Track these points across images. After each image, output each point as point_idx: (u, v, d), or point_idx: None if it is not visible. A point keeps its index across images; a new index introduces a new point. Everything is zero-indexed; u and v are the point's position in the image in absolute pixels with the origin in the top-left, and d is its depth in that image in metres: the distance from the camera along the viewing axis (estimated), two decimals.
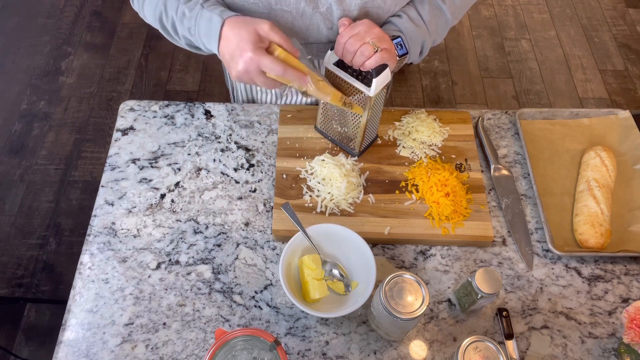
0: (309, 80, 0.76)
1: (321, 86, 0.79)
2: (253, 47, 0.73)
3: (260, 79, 0.76)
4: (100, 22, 2.53)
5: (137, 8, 0.93)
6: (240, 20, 0.76)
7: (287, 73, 0.74)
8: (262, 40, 0.74)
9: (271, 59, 0.73)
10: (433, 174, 0.96)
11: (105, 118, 2.20)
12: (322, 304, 0.84)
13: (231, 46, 0.75)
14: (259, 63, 0.73)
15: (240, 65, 0.74)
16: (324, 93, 0.80)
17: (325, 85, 0.80)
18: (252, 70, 0.74)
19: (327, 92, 0.81)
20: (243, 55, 0.73)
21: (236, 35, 0.75)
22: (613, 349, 0.83)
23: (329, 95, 0.81)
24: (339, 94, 0.83)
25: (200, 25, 0.81)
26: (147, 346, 0.81)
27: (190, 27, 0.83)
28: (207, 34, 0.80)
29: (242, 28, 0.74)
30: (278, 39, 0.74)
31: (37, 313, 1.72)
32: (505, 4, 2.70)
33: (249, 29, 0.74)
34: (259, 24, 0.74)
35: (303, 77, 0.76)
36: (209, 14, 0.79)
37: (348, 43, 0.82)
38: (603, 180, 0.95)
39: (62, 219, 1.92)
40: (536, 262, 0.91)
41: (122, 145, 1.03)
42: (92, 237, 0.92)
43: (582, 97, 2.33)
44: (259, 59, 0.73)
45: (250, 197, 0.97)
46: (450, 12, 0.93)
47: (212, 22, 0.78)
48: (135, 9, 0.94)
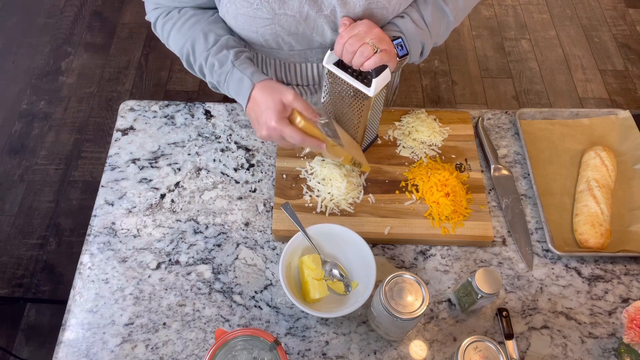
0: (324, 147, 0.83)
1: (335, 150, 0.86)
2: (277, 118, 0.79)
3: (281, 142, 0.84)
4: (100, 22, 2.53)
5: (159, 36, 0.97)
6: (268, 87, 0.82)
7: (305, 141, 0.81)
8: (285, 110, 0.81)
9: (292, 129, 0.80)
10: (433, 174, 0.96)
11: (105, 118, 2.20)
12: (322, 304, 0.84)
13: (257, 110, 0.83)
14: (281, 133, 0.80)
15: (264, 131, 0.82)
16: (337, 156, 0.88)
17: (339, 150, 0.86)
18: (274, 136, 0.82)
19: (340, 155, 0.88)
20: (268, 123, 0.80)
21: (264, 102, 0.81)
22: (613, 349, 0.83)
23: (341, 157, 0.89)
24: (349, 156, 0.89)
25: (230, 83, 0.87)
26: (147, 346, 0.81)
27: (220, 81, 0.88)
28: (237, 93, 0.86)
29: (269, 96, 0.81)
30: (300, 107, 0.81)
31: (37, 313, 1.72)
32: (505, 4, 2.70)
33: (275, 97, 0.80)
34: (285, 93, 0.80)
35: (320, 145, 0.83)
36: (240, 75, 0.85)
37: (348, 43, 0.82)
38: (603, 180, 0.95)
39: (62, 219, 1.92)
40: (536, 262, 0.91)
41: (122, 145, 1.03)
42: (92, 237, 0.92)
43: (582, 97, 2.33)
44: (281, 129, 0.80)
45: (250, 197, 0.97)
46: (452, 14, 0.93)
47: (243, 84, 0.84)
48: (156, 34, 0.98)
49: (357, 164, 0.93)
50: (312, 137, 0.82)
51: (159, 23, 0.94)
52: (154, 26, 0.96)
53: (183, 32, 0.90)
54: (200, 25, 0.89)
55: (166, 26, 0.92)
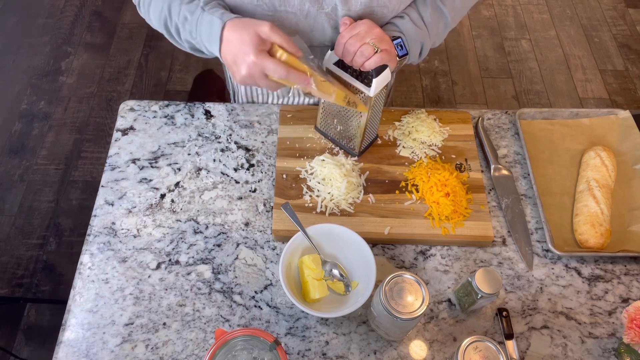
0: (312, 81, 0.76)
1: (324, 86, 0.79)
2: (255, 51, 0.72)
3: (264, 82, 0.76)
4: (100, 22, 2.53)
5: (144, 14, 0.93)
6: (240, 23, 0.76)
7: (290, 75, 0.74)
8: (263, 42, 0.74)
9: (274, 62, 0.73)
10: (433, 174, 0.96)
11: (105, 118, 2.20)
12: (322, 304, 0.84)
13: (233, 50, 0.76)
14: (262, 67, 0.73)
15: (244, 70, 0.74)
16: (327, 93, 0.80)
17: (329, 85, 0.79)
18: (256, 74, 0.74)
19: (330, 92, 0.80)
20: (246, 60, 0.73)
21: (237, 38, 0.74)
22: (613, 349, 0.83)
23: (332, 95, 0.81)
24: (342, 93, 0.82)
25: (202, 29, 0.80)
26: (147, 346, 0.81)
27: (192, 30, 0.83)
28: (209, 37, 0.80)
29: (243, 31, 0.74)
30: (279, 40, 0.74)
31: (37, 313, 1.72)
32: (505, 4, 2.70)
33: (249, 31, 0.73)
34: (260, 25, 0.73)
35: (306, 79, 0.75)
36: (210, 17, 0.79)
37: (348, 43, 0.82)
38: (603, 180, 0.95)
39: (62, 219, 1.92)
40: (536, 262, 0.91)
41: (122, 145, 1.03)
42: (92, 237, 0.92)
43: (582, 97, 2.33)
44: (262, 62, 0.73)
45: (250, 197, 0.97)
46: (450, 15, 0.93)
47: (213, 25, 0.78)
48: (142, 15, 0.94)
49: (351, 103, 0.84)
50: (297, 71, 0.74)
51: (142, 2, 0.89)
52: (138, 6, 0.92)
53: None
54: None
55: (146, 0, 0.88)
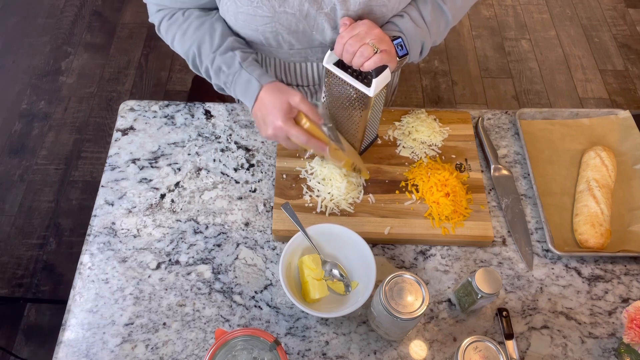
0: (327, 150, 0.84)
1: (336, 155, 0.87)
2: (284, 118, 0.81)
3: (285, 143, 0.85)
4: (100, 22, 2.53)
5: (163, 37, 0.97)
6: (275, 89, 0.84)
7: (309, 143, 0.82)
8: (291, 110, 0.82)
9: (297, 130, 0.82)
10: (433, 174, 0.96)
11: (105, 118, 2.20)
12: (322, 304, 0.84)
13: (264, 111, 0.84)
14: (287, 133, 0.82)
15: (270, 131, 0.83)
16: (338, 160, 0.89)
17: (341, 154, 0.88)
18: (280, 136, 0.83)
19: (342, 159, 0.89)
20: (275, 123, 0.82)
21: (270, 102, 0.83)
22: (613, 349, 0.83)
23: (342, 162, 0.89)
24: (350, 161, 0.90)
25: (237, 84, 0.88)
26: (147, 346, 0.81)
27: (227, 82, 0.90)
28: (244, 94, 0.88)
29: (276, 97, 0.83)
30: (306, 110, 0.82)
31: (37, 313, 1.72)
32: (505, 4, 2.70)
33: (282, 98, 0.82)
34: (291, 95, 0.82)
35: (323, 148, 0.84)
36: (248, 77, 0.87)
37: (348, 44, 0.82)
38: (603, 180, 0.95)
39: (62, 219, 1.92)
40: (536, 262, 0.91)
41: (122, 145, 1.03)
42: (92, 237, 0.92)
43: (582, 97, 2.33)
44: (287, 129, 0.81)
45: (250, 197, 0.97)
46: (451, 14, 0.93)
47: (251, 85, 0.86)
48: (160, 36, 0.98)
49: (357, 170, 0.94)
50: (316, 139, 0.83)
51: (164, 26, 0.94)
52: (158, 29, 0.97)
53: (189, 35, 0.91)
54: (205, 27, 0.90)
55: (171, 29, 0.93)
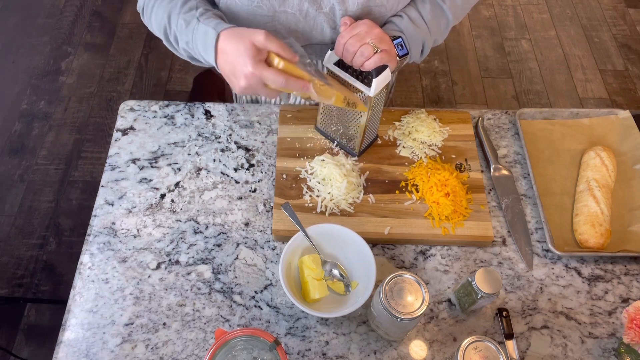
0: (311, 87, 0.76)
1: (323, 90, 0.78)
2: (253, 62, 0.72)
3: (263, 91, 0.76)
4: (100, 22, 2.53)
5: (146, 22, 0.93)
6: (235, 33, 0.75)
7: (289, 83, 0.73)
8: (260, 52, 0.73)
9: (272, 71, 0.72)
10: (433, 174, 0.96)
11: (105, 118, 2.20)
12: (322, 304, 0.84)
13: (230, 61, 0.75)
14: (261, 77, 0.73)
15: (243, 81, 0.74)
16: (327, 97, 0.80)
17: (328, 89, 0.79)
18: (255, 85, 0.74)
19: (330, 95, 0.80)
20: (244, 71, 0.72)
21: (233, 49, 0.74)
22: (613, 349, 0.83)
23: (332, 98, 0.81)
24: (341, 96, 0.82)
25: (197, 39, 0.80)
26: (147, 346, 0.81)
27: (188, 41, 0.83)
28: (204, 48, 0.79)
29: (239, 41, 0.73)
30: (276, 48, 0.73)
31: (37, 313, 1.72)
32: (505, 4, 2.70)
33: (245, 42, 0.72)
34: (255, 35, 0.72)
35: (306, 85, 0.75)
36: (205, 28, 0.79)
37: (348, 43, 0.82)
38: (603, 180, 0.95)
39: (62, 219, 1.92)
40: (536, 262, 0.91)
41: (122, 145, 1.03)
42: (92, 237, 0.92)
43: (582, 97, 2.33)
44: (260, 73, 0.72)
45: (250, 197, 0.97)
46: (451, 13, 0.93)
47: (208, 36, 0.78)
48: (145, 24, 0.94)
49: (351, 104, 0.84)
50: (296, 78, 0.74)
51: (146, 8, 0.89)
52: (142, 14, 0.92)
53: (163, 6, 0.85)
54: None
55: (148, 5, 0.88)
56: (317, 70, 0.80)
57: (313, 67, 0.79)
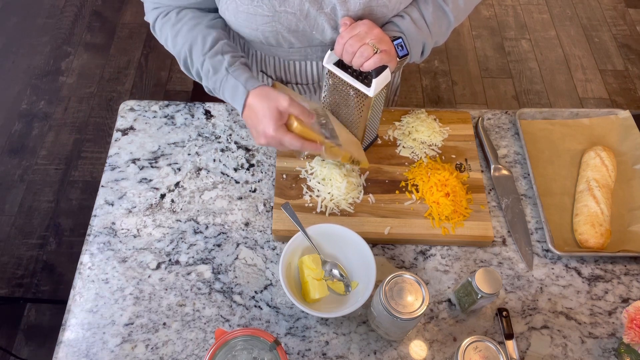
0: (323, 149, 0.84)
1: (333, 152, 0.86)
2: (275, 126, 0.80)
3: (280, 148, 0.85)
4: (100, 22, 2.53)
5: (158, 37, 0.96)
6: (263, 94, 0.82)
7: (304, 147, 0.82)
8: (282, 116, 0.81)
9: (291, 136, 0.81)
10: (433, 174, 0.96)
11: (105, 118, 2.20)
12: (322, 304, 0.84)
13: (255, 120, 0.83)
14: (280, 140, 0.81)
15: (263, 139, 0.83)
16: (335, 156, 0.88)
17: (337, 150, 0.86)
18: (273, 144, 0.83)
19: (338, 155, 0.87)
20: (266, 133, 0.81)
21: (259, 109, 0.82)
22: (613, 349, 0.83)
23: (339, 157, 0.88)
24: (347, 155, 0.89)
25: (225, 89, 0.87)
26: (147, 346, 0.81)
27: (216, 87, 0.89)
28: (232, 99, 0.87)
29: (265, 103, 0.81)
30: (296, 113, 0.81)
31: (37, 313, 1.72)
32: (505, 4, 2.70)
33: (270, 105, 0.80)
34: (280, 100, 0.80)
35: (318, 148, 0.84)
36: (235, 82, 0.85)
37: (348, 44, 0.82)
38: (603, 180, 0.95)
39: (62, 219, 1.92)
40: (536, 262, 0.91)
41: (122, 145, 1.03)
42: (92, 237, 0.92)
43: (582, 97, 2.33)
44: (280, 137, 0.81)
45: (250, 197, 0.97)
46: (453, 14, 0.93)
47: (237, 91, 0.85)
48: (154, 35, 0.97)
49: (355, 162, 0.92)
50: (310, 141, 0.83)
51: (158, 24, 0.93)
52: (152, 27, 0.95)
53: (182, 35, 0.90)
54: (199, 28, 0.89)
55: (165, 27, 0.92)
56: (331, 130, 0.89)
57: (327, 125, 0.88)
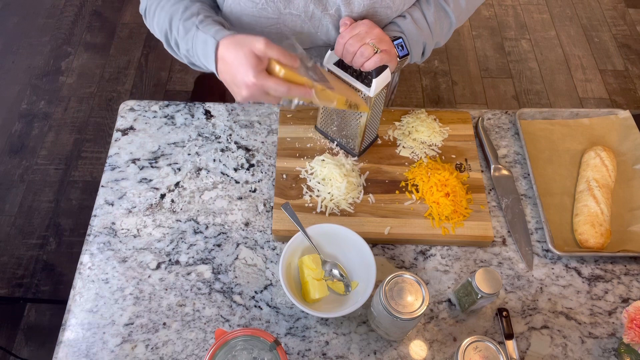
0: (313, 92, 0.75)
1: (325, 95, 0.78)
2: (254, 72, 0.71)
3: (265, 99, 0.75)
4: (100, 22, 2.53)
5: (149, 25, 0.92)
6: (235, 41, 0.74)
7: (291, 91, 0.73)
8: (260, 61, 0.72)
9: (274, 80, 0.71)
10: (433, 174, 0.96)
11: (105, 118, 2.20)
12: (322, 304, 0.84)
13: (231, 70, 0.74)
14: (262, 87, 0.72)
15: (244, 91, 0.73)
16: (328, 101, 0.79)
17: (329, 93, 0.78)
18: (257, 94, 0.73)
19: (332, 98, 0.79)
20: (246, 81, 0.72)
21: (234, 58, 0.73)
22: (613, 349, 0.83)
23: (334, 101, 0.80)
24: (343, 98, 0.81)
25: (197, 47, 0.80)
26: (147, 346, 0.81)
27: (189, 48, 0.82)
28: (204, 56, 0.79)
29: (239, 50, 0.72)
30: (276, 55, 0.72)
31: (37, 313, 1.72)
32: (505, 4, 2.70)
33: (245, 50, 0.71)
34: (254, 43, 0.71)
35: (308, 92, 0.74)
36: (204, 36, 0.78)
37: (348, 44, 0.82)
38: (603, 180, 0.95)
39: (62, 219, 1.92)
40: (536, 262, 0.91)
41: (122, 145, 1.03)
42: (92, 237, 0.92)
43: (582, 97, 2.33)
44: (262, 83, 0.71)
45: (250, 197, 0.97)
46: (455, 16, 0.93)
47: (207, 44, 0.77)
48: (147, 26, 0.93)
49: (353, 106, 0.83)
50: (298, 85, 0.73)
51: (146, 6, 0.88)
52: (144, 16, 0.91)
53: (166, 9, 0.84)
54: (183, 2, 0.84)
55: (150, 9, 0.87)
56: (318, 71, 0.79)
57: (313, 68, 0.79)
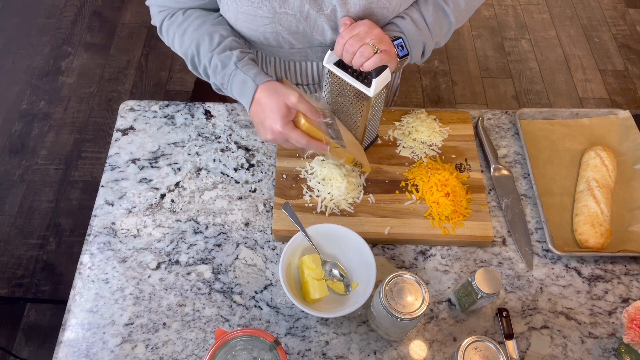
0: (328, 149, 0.84)
1: (337, 152, 0.86)
2: (282, 123, 0.80)
3: (286, 145, 0.84)
4: (100, 22, 2.53)
5: (165, 39, 0.97)
6: (272, 88, 0.82)
7: (310, 144, 0.82)
8: (289, 112, 0.80)
9: (297, 133, 0.81)
10: (433, 174, 0.96)
11: (105, 118, 2.20)
12: (322, 304, 0.84)
13: (262, 115, 0.82)
14: (286, 137, 0.81)
15: (269, 135, 0.82)
16: (339, 157, 0.88)
17: (341, 151, 0.87)
18: (279, 140, 0.83)
19: (342, 156, 0.88)
20: (273, 128, 0.81)
21: (267, 104, 0.81)
22: (613, 349, 0.83)
23: (342, 159, 0.89)
24: (351, 157, 0.89)
25: (234, 84, 0.87)
26: (147, 346, 0.81)
27: (224, 83, 0.88)
28: (240, 94, 0.86)
29: (273, 98, 0.81)
30: (304, 110, 0.81)
31: (37, 313, 1.72)
32: (505, 4, 2.70)
33: (278, 100, 0.80)
34: (289, 96, 0.80)
35: (324, 147, 0.83)
36: (243, 77, 0.85)
37: (348, 44, 0.82)
38: (603, 180, 0.95)
39: (62, 219, 1.92)
40: (536, 262, 0.91)
41: (122, 145, 1.03)
42: (92, 237, 0.92)
43: (582, 97, 2.33)
44: (287, 133, 0.80)
45: (250, 197, 0.97)
46: (454, 16, 0.93)
47: (246, 86, 0.84)
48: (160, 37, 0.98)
49: (358, 165, 0.93)
50: (316, 140, 0.83)
51: (165, 26, 0.94)
52: (159, 30, 0.96)
53: (188, 34, 0.90)
54: (205, 27, 0.89)
55: (171, 28, 0.93)
56: (336, 132, 0.89)
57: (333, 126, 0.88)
